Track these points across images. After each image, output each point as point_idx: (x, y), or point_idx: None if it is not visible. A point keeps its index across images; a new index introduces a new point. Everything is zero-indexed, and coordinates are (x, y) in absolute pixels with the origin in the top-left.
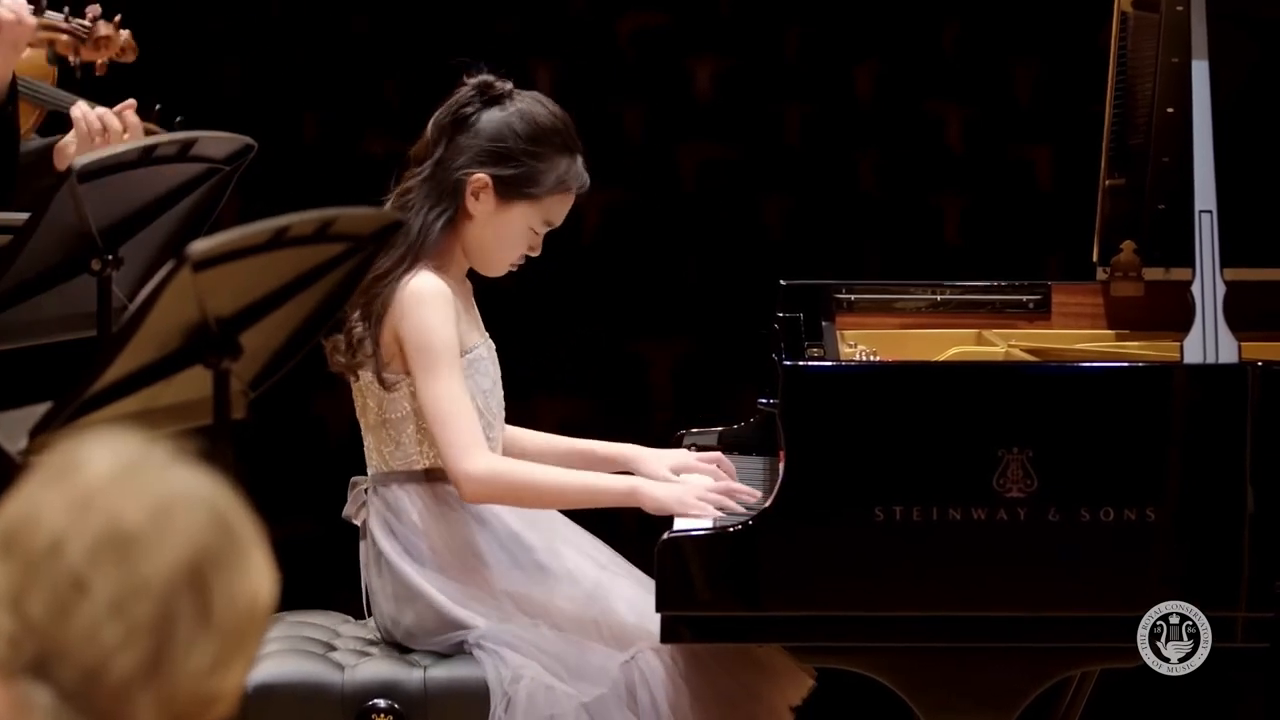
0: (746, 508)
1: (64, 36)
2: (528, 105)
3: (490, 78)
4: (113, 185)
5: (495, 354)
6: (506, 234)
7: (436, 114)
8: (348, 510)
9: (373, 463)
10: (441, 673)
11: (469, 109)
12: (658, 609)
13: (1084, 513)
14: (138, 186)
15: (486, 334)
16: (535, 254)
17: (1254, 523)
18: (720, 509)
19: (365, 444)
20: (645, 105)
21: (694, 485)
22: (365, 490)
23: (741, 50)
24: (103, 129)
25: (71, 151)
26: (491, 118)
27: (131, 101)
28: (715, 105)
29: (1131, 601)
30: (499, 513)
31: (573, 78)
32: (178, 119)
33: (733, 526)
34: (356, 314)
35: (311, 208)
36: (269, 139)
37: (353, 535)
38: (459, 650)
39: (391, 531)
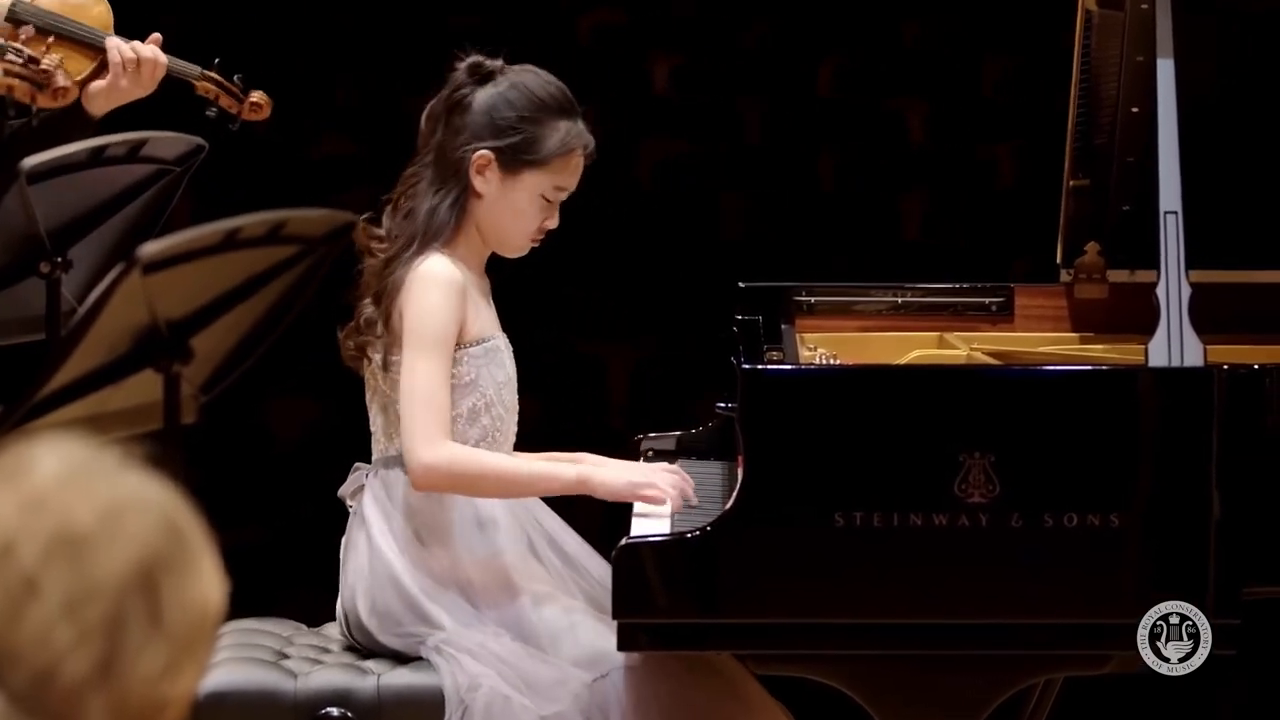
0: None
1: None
2: (520, 77)
3: (479, 58)
4: (62, 186)
5: (510, 353)
6: (518, 207)
7: (430, 103)
8: (344, 490)
9: (378, 445)
10: (396, 680)
11: (462, 91)
12: (615, 616)
13: (1047, 518)
14: (87, 188)
15: (502, 331)
16: (553, 225)
17: (1220, 528)
18: (671, 500)
19: (371, 427)
20: (603, 102)
21: (647, 467)
22: (366, 475)
23: (701, 46)
24: (136, 61)
25: (100, 91)
26: (485, 95)
27: (157, 36)
28: (674, 102)
29: (1095, 608)
30: (495, 515)
31: None
32: (235, 76)
33: (691, 532)
34: (369, 298)
35: (263, 209)
36: (220, 139)
37: (306, 545)
38: (416, 655)
39: (384, 513)
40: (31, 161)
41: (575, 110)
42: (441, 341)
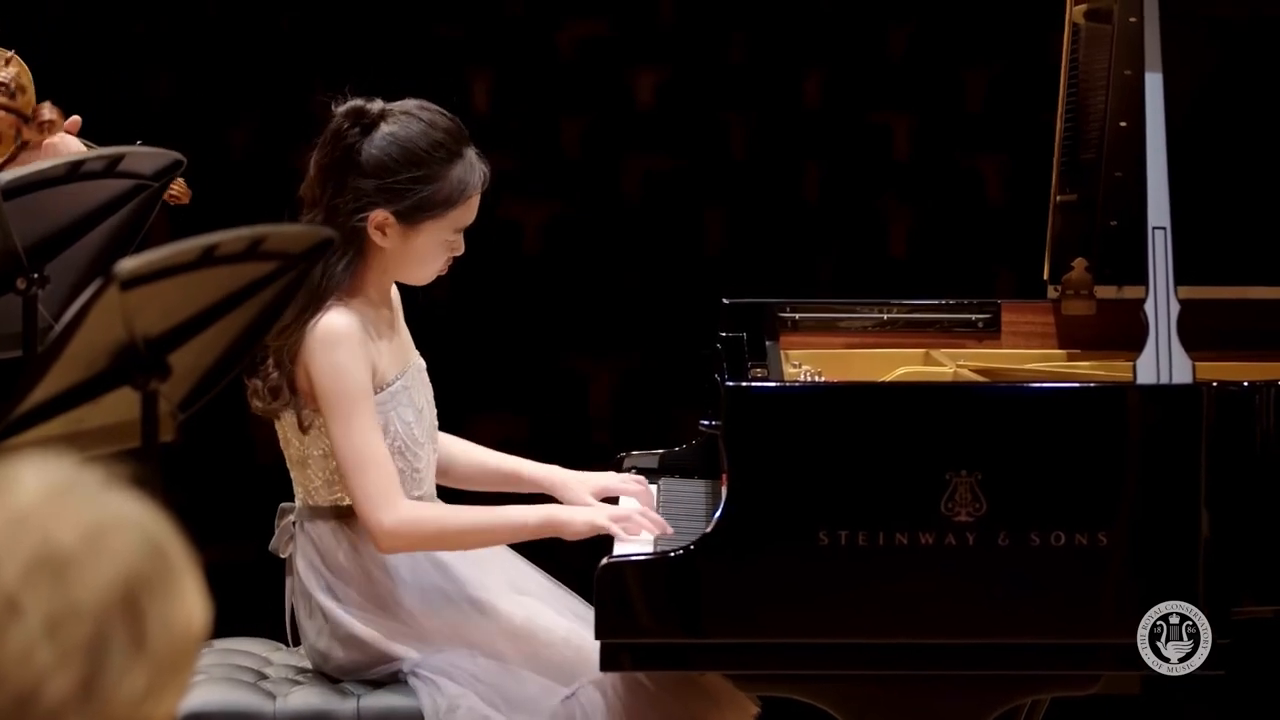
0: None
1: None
2: (400, 128)
3: (359, 102)
4: (39, 202)
5: (424, 374)
6: (423, 253)
7: (316, 154)
8: (274, 544)
9: (299, 496)
10: (375, 703)
11: (348, 142)
12: (597, 636)
13: (1034, 537)
14: (64, 203)
15: (414, 355)
16: (459, 254)
17: (1209, 547)
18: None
19: (292, 478)
20: (586, 116)
21: (605, 508)
22: (293, 524)
23: (684, 60)
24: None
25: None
26: (371, 151)
27: (76, 120)
28: (658, 116)
29: (1083, 628)
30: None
31: (512, 87)
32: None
33: (674, 551)
34: (270, 361)
35: (242, 224)
36: (197, 153)
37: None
38: (394, 679)
39: (318, 571)
40: (6, 177)
41: (463, 144)
42: (363, 398)
